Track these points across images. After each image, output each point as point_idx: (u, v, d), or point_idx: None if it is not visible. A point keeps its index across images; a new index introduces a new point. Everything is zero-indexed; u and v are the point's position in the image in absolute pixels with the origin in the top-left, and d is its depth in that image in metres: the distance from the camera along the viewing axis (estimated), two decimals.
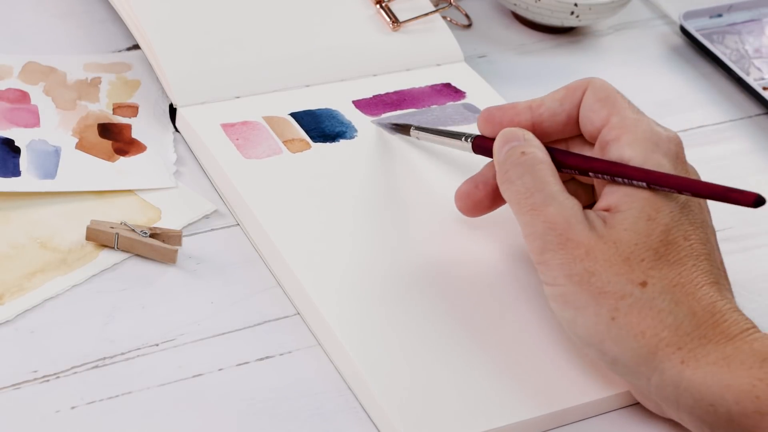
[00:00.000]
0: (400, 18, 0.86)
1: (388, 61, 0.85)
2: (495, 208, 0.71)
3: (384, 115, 0.80)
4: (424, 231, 0.73)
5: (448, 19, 0.91)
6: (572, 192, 0.68)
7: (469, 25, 0.93)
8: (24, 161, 0.74)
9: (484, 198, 0.70)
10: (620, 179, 0.64)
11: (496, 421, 0.64)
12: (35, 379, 0.64)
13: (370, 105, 0.82)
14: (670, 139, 0.66)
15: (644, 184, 0.63)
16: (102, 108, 0.80)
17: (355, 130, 0.79)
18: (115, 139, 0.78)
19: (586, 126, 0.67)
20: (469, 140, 0.71)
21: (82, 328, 0.67)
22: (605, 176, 0.65)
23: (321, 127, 0.79)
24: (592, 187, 0.69)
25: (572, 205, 0.64)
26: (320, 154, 0.77)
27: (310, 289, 0.68)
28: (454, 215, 0.74)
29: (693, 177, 0.67)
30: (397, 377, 0.65)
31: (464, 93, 0.84)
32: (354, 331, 0.67)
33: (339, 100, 0.81)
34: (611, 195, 0.65)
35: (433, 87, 0.84)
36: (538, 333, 0.68)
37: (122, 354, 0.66)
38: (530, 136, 0.67)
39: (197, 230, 0.73)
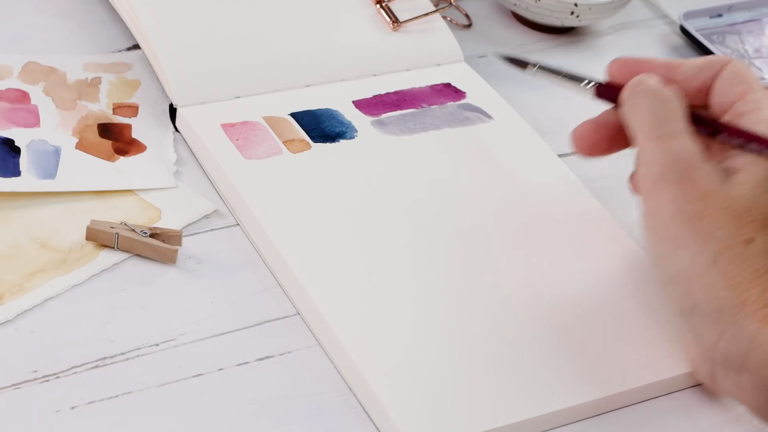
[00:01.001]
0: (400, 18, 0.86)
1: (388, 61, 0.85)
2: (612, 152, 0.71)
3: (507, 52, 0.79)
4: (424, 230, 0.73)
5: (448, 19, 0.91)
6: None
7: (469, 25, 0.93)
8: (24, 161, 0.74)
9: (602, 140, 0.71)
10: (752, 147, 0.65)
11: (496, 421, 0.64)
12: (35, 379, 0.64)
13: (370, 105, 0.82)
14: None
15: None
16: (102, 108, 0.80)
17: (355, 130, 0.79)
18: (115, 139, 0.78)
19: (720, 97, 0.68)
20: (590, 86, 0.71)
21: (82, 328, 0.67)
22: (737, 141, 0.66)
23: (321, 127, 0.79)
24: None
25: (698, 149, 0.65)
26: (320, 154, 0.77)
27: (310, 289, 0.68)
28: (455, 214, 0.74)
29: None
30: (397, 377, 0.65)
31: (464, 93, 0.84)
32: (354, 331, 0.67)
33: (339, 100, 0.81)
34: (735, 159, 0.65)
35: (433, 87, 0.84)
36: (538, 333, 0.68)
37: (122, 354, 0.66)
38: (664, 82, 0.68)
39: (197, 230, 0.73)
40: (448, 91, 0.84)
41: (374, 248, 0.71)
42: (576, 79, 0.73)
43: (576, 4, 0.90)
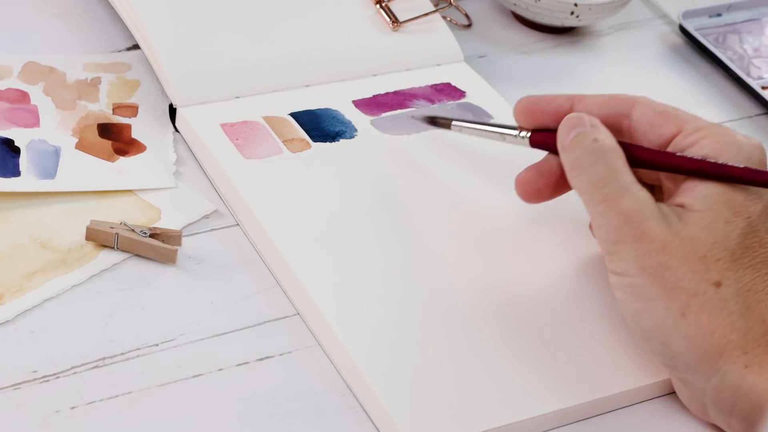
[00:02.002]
0: (400, 18, 0.86)
1: (388, 61, 0.85)
2: (556, 197, 0.70)
3: (418, 110, 0.79)
4: (424, 230, 0.73)
5: (448, 19, 0.91)
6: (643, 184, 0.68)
7: (469, 25, 0.93)
8: (24, 161, 0.74)
9: (546, 187, 0.70)
10: (701, 175, 0.64)
11: (496, 421, 0.64)
12: (35, 379, 0.64)
13: (370, 105, 0.82)
14: (753, 145, 0.66)
15: (725, 180, 0.63)
16: (102, 108, 0.80)
17: (355, 130, 0.79)
18: (115, 139, 0.78)
19: (652, 140, 0.67)
20: (525, 134, 0.70)
21: (82, 328, 0.67)
22: (684, 173, 0.65)
23: (321, 127, 0.79)
24: (652, 187, 0.69)
25: (646, 197, 0.64)
26: (320, 154, 0.77)
27: (310, 289, 0.68)
28: (454, 214, 0.74)
29: None
30: (397, 377, 0.65)
31: (464, 93, 0.84)
32: (354, 331, 0.67)
33: (339, 100, 0.81)
34: (689, 193, 0.64)
35: (433, 87, 0.84)
36: (539, 332, 0.68)
37: (122, 354, 0.66)
38: (597, 122, 0.67)
39: (197, 230, 0.73)
40: (448, 91, 0.84)
41: (374, 248, 0.71)
42: (505, 128, 0.72)
43: (576, 4, 0.90)
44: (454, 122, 0.76)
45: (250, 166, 0.76)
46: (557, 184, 0.70)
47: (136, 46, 0.85)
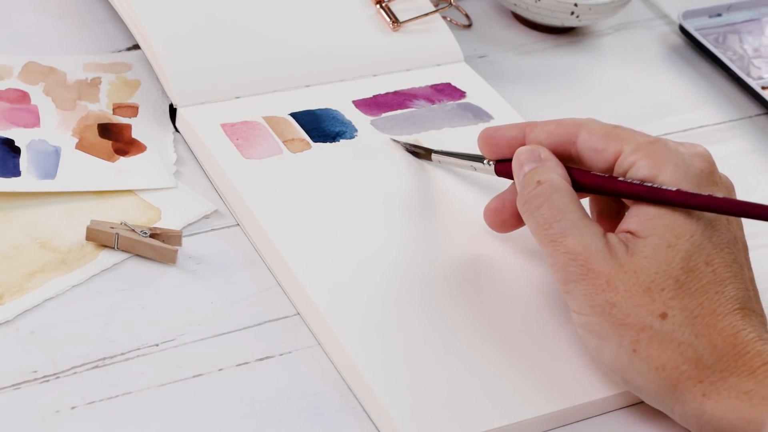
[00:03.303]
0: (400, 18, 0.86)
1: (388, 61, 0.85)
2: (523, 226, 0.69)
3: (402, 137, 0.79)
4: (423, 230, 0.73)
5: (448, 19, 0.91)
6: (599, 206, 0.68)
7: (469, 25, 0.93)
8: (24, 161, 0.74)
9: (511, 216, 0.70)
10: (640, 199, 0.64)
11: (496, 421, 0.64)
12: (35, 379, 0.64)
13: (370, 105, 0.82)
14: (693, 155, 0.65)
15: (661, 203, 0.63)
16: (102, 108, 0.80)
17: (355, 130, 0.79)
18: (115, 139, 0.78)
19: (598, 164, 0.66)
20: (490, 164, 0.71)
21: (82, 328, 0.67)
22: (626, 197, 0.65)
23: (321, 127, 0.79)
24: (622, 202, 0.68)
25: (592, 232, 0.63)
26: (320, 154, 0.77)
27: (310, 289, 0.68)
28: (454, 214, 0.74)
29: (721, 192, 0.65)
30: (397, 377, 0.65)
31: (464, 93, 0.84)
32: (354, 331, 0.67)
33: (339, 100, 0.81)
34: (634, 218, 0.64)
35: (434, 87, 0.84)
36: (539, 332, 0.68)
37: (122, 354, 0.66)
38: (546, 153, 0.67)
39: (197, 230, 0.73)
40: (449, 91, 0.84)
41: (374, 248, 0.71)
42: (476, 158, 0.72)
43: (576, 4, 0.90)
44: (434, 155, 0.76)
45: (250, 166, 0.76)
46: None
47: (136, 46, 0.85)
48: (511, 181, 0.69)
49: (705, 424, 0.61)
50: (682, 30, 0.93)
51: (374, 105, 0.82)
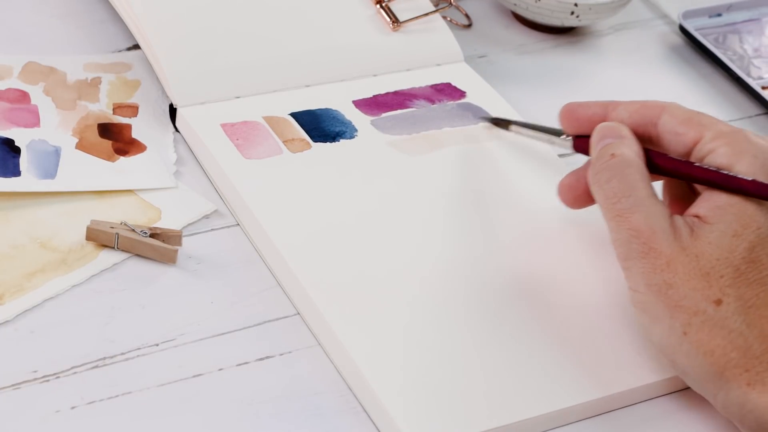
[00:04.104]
0: (400, 18, 0.86)
1: (388, 61, 0.85)
2: (596, 203, 0.70)
3: (483, 114, 0.81)
4: (423, 230, 0.73)
5: (448, 19, 0.91)
6: (673, 191, 0.68)
7: (469, 25, 0.93)
8: (24, 161, 0.74)
9: (584, 192, 0.70)
10: (714, 185, 0.64)
11: (497, 421, 0.64)
12: (35, 379, 0.64)
13: (370, 105, 0.82)
14: None
15: (736, 192, 0.64)
16: (102, 108, 0.80)
17: (355, 130, 0.79)
18: (115, 139, 0.78)
19: (677, 148, 0.67)
20: (569, 139, 0.71)
21: (82, 328, 0.67)
22: (700, 183, 0.65)
23: (321, 127, 0.79)
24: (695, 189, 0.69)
25: (659, 212, 0.64)
26: (320, 154, 0.77)
27: (310, 289, 0.68)
28: (453, 213, 0.74)
29: None
30: (397, 377, 0.65)
31: (464, 93, 0.84)
32: (354, 331, 0.67)
33: (339, 100, 0.81)
34: (704, 203, 0.64)
35: (434, 87, 0.84)
36: (539, 332, 0.68)
37: (122, 354, 0.66)
38: (626, 131, 0.67)
39: (197, 230, 0.73)
40: (449, 91, 0.84)
41: (374, 248, 0.71)
42: (554, 132, 0.73)
43: (576, 4, 0.90)
44: (512, 126, 0.78)
45: (250, 166, 0.76)
46: None
47: (136, 46, 0.85)
48: (589, 158, 0.70)
49: (747, 413, 0.62)
50: (682, 30, 0.93)
51: (374, 105, 0.82)
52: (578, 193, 0.70)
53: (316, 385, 0.66)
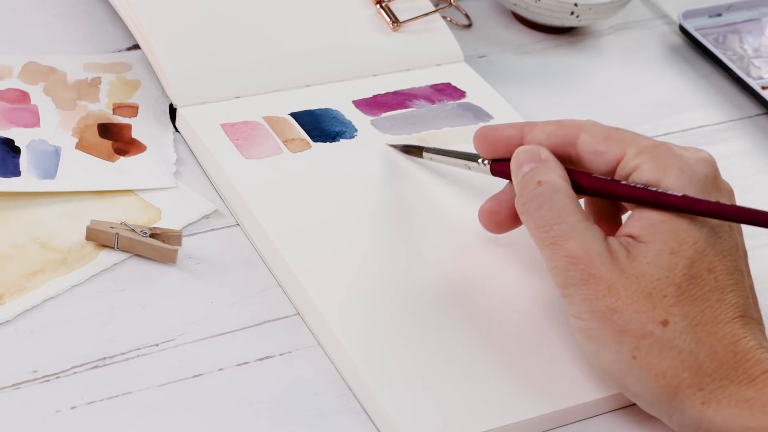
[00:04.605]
0: (400, 18, 0.86)
1: (388, 61, 0.85)
2: (519, 226, 0.69)
3: (396, 138, 0.79)
4: (423, 230, 0.73)
5: (448, 19, 0.91)
6: (596, 208, 0.67)
7: (469, 25, 0.93)
8: (24, 161, 0.74)
9: (507, 217, 0.69)
10: (643, 203, 0.63)
11: (496, 421, 0.64)
12: (35, 379, 0.64)
13: (370, 105, 0.82)
14: (698, 160, 0.64)
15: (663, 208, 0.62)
16: (102, 108, 0.80)
17: (355, 130, 0.79)
18: (115, 139, 0.78)
19: (599, 166, 0.65)
20: (486, 163, 0.70)
21: (82, 328, 0.67)
22: (628, 201, 0.64)
23: (321, 127, 0.79)
24: (620, 205, 0.68)
25: (593, 236, 0.63)
26: (320, 154, 0.77)
27: (310, 289, 0.68)
28: (453, 214, 0.74)
29: (724, 197, 0.65)
30: (397, 377, 0.65)
31: (464, 93, 0.84)
32: (354, 331, 0.67)
33: (339, 100, 0.81)
34: (636, 223, 0.63)
35: (434, 87, 0.84)
36: (539, 332, 0.68)
37: (122, 354, 0.66)
38: (546, 154, 0.66)
39: (197, 230, 0.73)
40: (449, 91, 0.84)
41: (374, 248, 0.71)
42: (469, 157, 0.71)
43: (576, 4, 0.90)
44: (425, 152, 0.76)
45: (250, 166, 0.76)
46: (517, 213, 0.67)
47: (136, 46, 0.85)
48: (507, 181, 0.69)
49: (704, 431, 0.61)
50: (682, 30, 0.93)
51: (374, 105, 0.82)
52: (501, 218, 0.69)
53: (316, 385, 0.66)
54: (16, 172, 0.74)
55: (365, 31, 0.86)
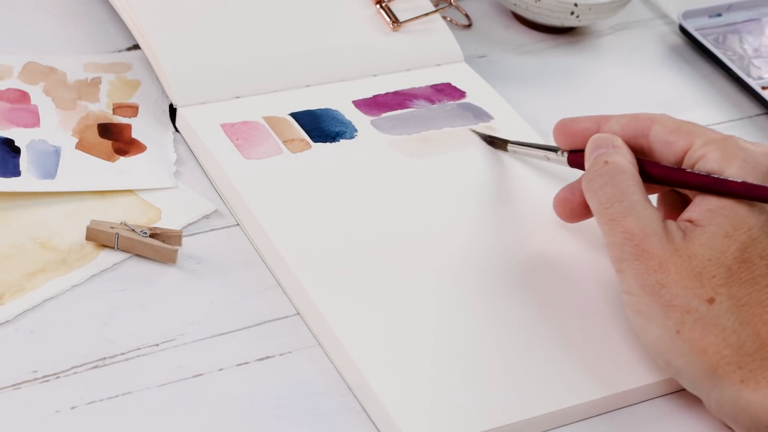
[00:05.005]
0: (400, 18, 0.86)
1: (388, 61, 0.85)
2: (591, 217, 0.71)
3: (478, 126, 0.80)
4: (423, 230, 0.73)
5: (448, 19, 0.91)
6: (668, 201, 0.69)
7: (469, 25, 0.93)
8: (24, 161, 0.74)
9: (580, 206, 0.71)
10: (705, 190, 0.65)
11: (497, 421, 0.64)
12: (35, 379, 0.64)
13: (370, 105, 0.82)
14: (762, 153, 0.67)
15: (725, 195, 0.64)
16: (102, 108, 0.80)
17: (355, 130, 0.79)
18: (115, 139, 0.78)
19: (668, 156, 0.68)
20: (564, 154, 0.72)
21: (82, 328, 0.67)
22: (692, 188, 0.66)
23: (321, 127, 0.79)
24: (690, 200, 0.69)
25: (651, 215, 0.65)
26: (320, 154, 0.77)
27: (310, 289, 0.68)
28: (453, 214, 0.74)
29: None
30: (397, 377, 0.65)
31: (464, 93, 0.84)
32: (354, 331, 0.67)
33: (339, 100, 0.81)
34: (696, 208, 0.65)
35: (434, 87, 0.84)
36: (539, 332, 0.68)
37: (122, 354, 0.66)
38: (619, 142, 0.68)
39: (197, 230, 0.73)
40: (449, 91, 0.84)
41: (374, 248, 0.71)
42: (550, 149, 0.74)
43: (576, 4, 0.90)
44: (509, 145, 0.78)
45: (250, 166, 0.76)
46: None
47: (136, 46, 0.85)
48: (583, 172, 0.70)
49: (740, 411, 0.62)
50: (682, 30, 0.93)
51: (374, 105, 0.82)
52: (573, 206, 0.71)
53: (316, 385, 0.66)
54: (16, 172, 0.74)
55: (365, 31, 0.86)
